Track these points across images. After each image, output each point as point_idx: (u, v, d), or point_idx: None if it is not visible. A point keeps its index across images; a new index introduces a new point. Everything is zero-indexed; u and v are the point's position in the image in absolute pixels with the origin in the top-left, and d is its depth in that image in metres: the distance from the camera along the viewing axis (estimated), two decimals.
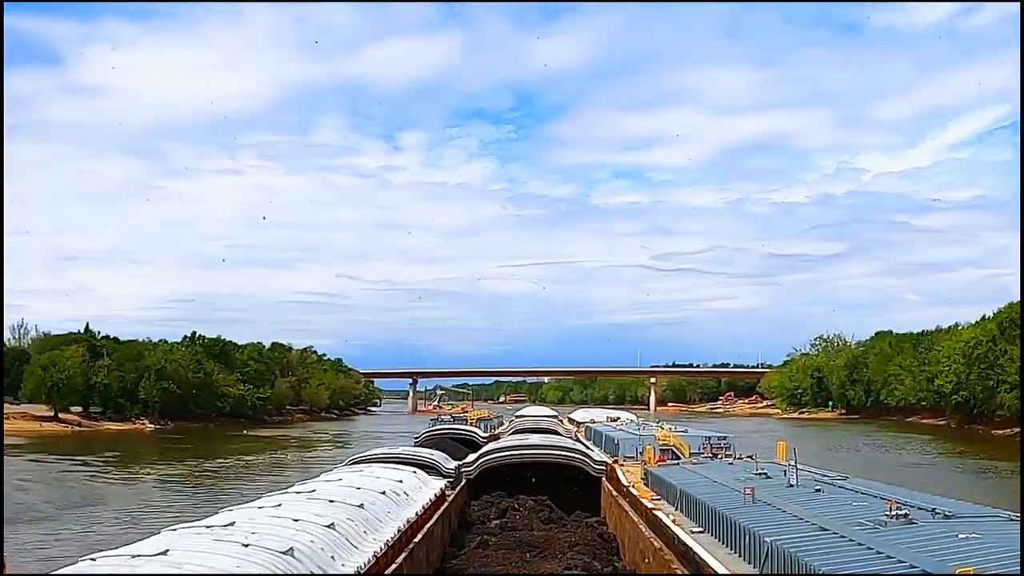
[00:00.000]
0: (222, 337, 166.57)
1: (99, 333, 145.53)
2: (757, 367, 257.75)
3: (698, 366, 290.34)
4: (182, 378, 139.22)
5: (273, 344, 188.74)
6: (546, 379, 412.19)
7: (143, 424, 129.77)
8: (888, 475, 41.55)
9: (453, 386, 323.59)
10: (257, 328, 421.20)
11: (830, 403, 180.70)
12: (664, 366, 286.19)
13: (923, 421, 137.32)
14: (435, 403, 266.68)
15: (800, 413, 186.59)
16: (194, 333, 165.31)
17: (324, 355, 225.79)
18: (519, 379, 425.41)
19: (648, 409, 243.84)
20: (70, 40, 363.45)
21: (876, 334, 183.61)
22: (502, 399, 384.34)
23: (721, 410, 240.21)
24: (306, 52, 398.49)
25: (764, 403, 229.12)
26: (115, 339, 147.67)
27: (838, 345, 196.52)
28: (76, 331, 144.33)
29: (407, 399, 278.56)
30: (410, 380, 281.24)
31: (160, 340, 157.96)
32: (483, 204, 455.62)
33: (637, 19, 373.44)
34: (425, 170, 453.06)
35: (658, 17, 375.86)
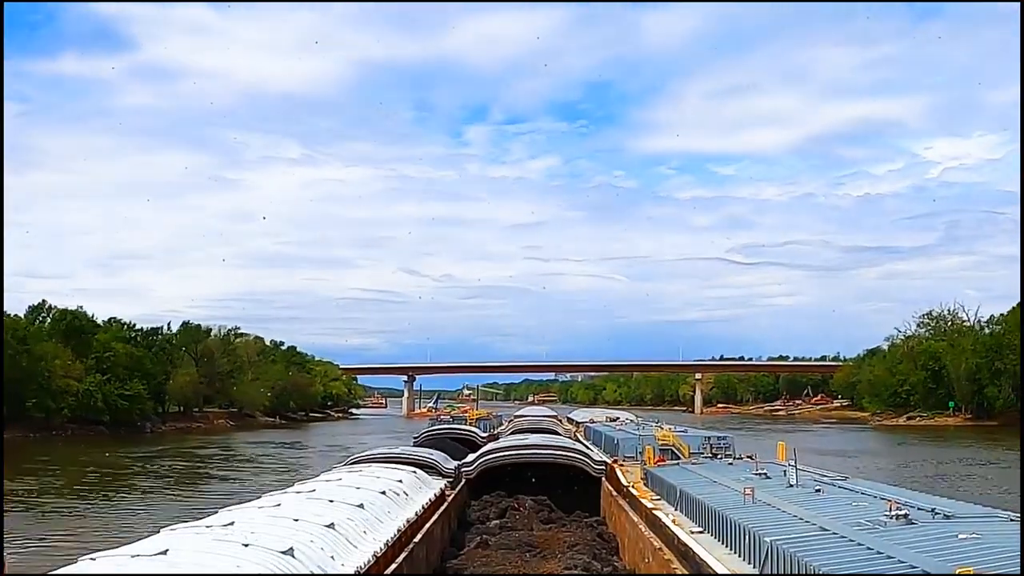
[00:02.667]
0: (82, 310, 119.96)
1: None
2: (822, 360, 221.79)
3: (750, 360, 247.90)
4: None
5: (184, 324, 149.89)
6: (580, 377, 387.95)
7: None
8: None
9: (482, 386, 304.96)
10: (313, 326, 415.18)
11: (951, 404, 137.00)
12: (710, 360, 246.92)
13: None
14: (431, 404, 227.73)
15: (907, 418, 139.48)
16: (42, 302, 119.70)
17: (281, 343, 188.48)
18: (550, 378, 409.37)
19: (692, 411, 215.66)
20: (142, 22, 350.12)
21: (1018, 305, 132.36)
22: (530, 399, 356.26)
23: (783, 412, 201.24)
24: (386, 34, 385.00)
25: (836, 403, 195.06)
26: None
27: (956, 324, 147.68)
28: None
29: (409, 400, 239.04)
30: (404, 377, 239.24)
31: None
32: (545, 199, 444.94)
33: None
34: (489, 165, 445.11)
35: None
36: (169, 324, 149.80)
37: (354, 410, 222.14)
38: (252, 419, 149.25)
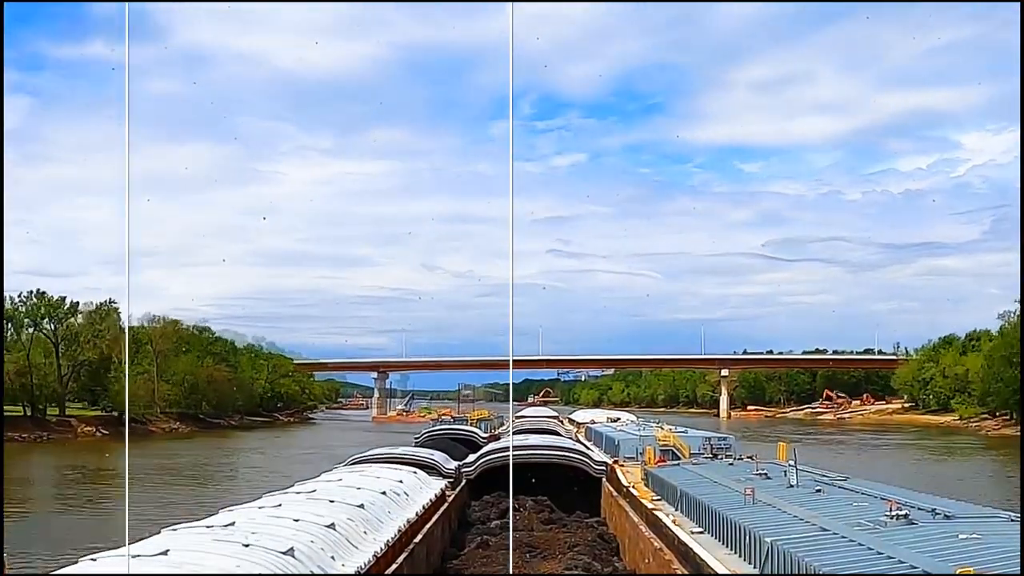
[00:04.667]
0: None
1: None
2: (866, 354, 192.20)
3: (781, 354, 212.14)
4: None
5: (34, 293, 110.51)
6: (583, 376, 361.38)
7: None
8: None
9: (483, 385, 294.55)
10: (323, 324, 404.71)
11: None
12: (734, 355, 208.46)
13: None
14: (402, 406, 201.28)
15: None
16: None
17: (206, 328, 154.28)
18: (552, 377, 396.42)
19: (717, 414, 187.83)
20: (173, 7, 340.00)
21: None
22: (530, 399, 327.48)
23: (829, 416, 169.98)
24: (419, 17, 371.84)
25: (895, 405, 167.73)
26: None
27: None
28: None
29: (380, 401, 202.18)
30: (374, 375, 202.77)
31: None
32: (572, 195, 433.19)
33: None
34: (515, 161, 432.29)
35: None
36: (21, 295, 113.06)
37: (314, 413, 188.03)
38: (141, 426, 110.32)
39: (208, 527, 17.28)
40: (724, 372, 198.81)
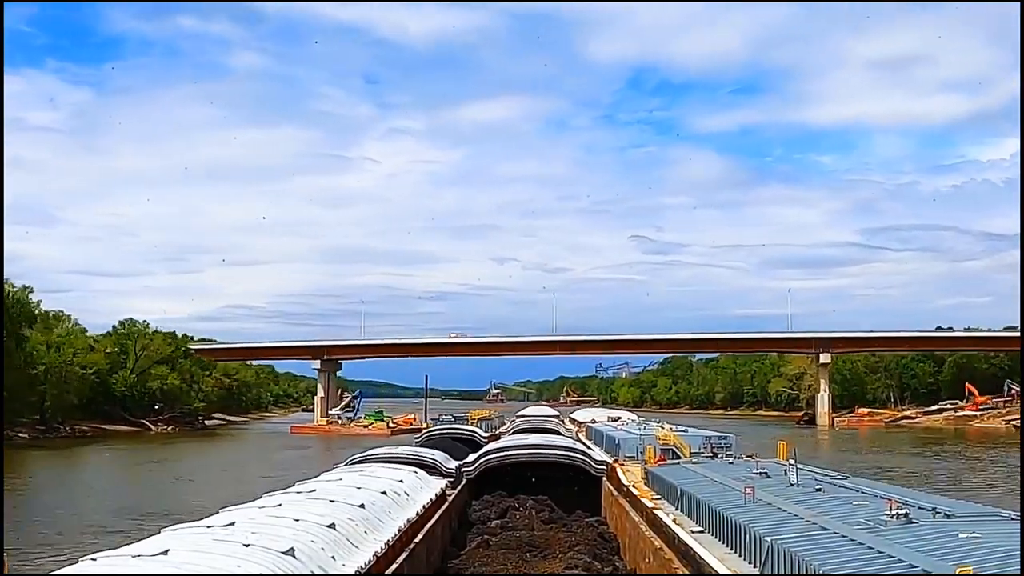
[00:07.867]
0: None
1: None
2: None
3: (881, 335, 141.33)
4: None
5: None
6: (624, 372, 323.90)
7: None
8: None
9: (514, 383, 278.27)
10: (385, 323, 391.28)
11: None
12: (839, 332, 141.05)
13: None
14: (338, 411, 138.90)
15: None
16: None
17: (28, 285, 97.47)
18: (589, 374, 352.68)
19: (806, 419, 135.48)
20: None
21: None
22: (563, 399, 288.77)
23: (999, 424, 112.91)
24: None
25: None
26: None
27: None
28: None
29: (324, 401, 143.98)
30: (316, 363, 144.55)
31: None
32: (653, 185, 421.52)
33: None
34: (589, 152, 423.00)
35: None
36: None
37: (223, 421, 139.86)
38: None
39: (208, 527, 17.28)
40: (825, 358, 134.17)
